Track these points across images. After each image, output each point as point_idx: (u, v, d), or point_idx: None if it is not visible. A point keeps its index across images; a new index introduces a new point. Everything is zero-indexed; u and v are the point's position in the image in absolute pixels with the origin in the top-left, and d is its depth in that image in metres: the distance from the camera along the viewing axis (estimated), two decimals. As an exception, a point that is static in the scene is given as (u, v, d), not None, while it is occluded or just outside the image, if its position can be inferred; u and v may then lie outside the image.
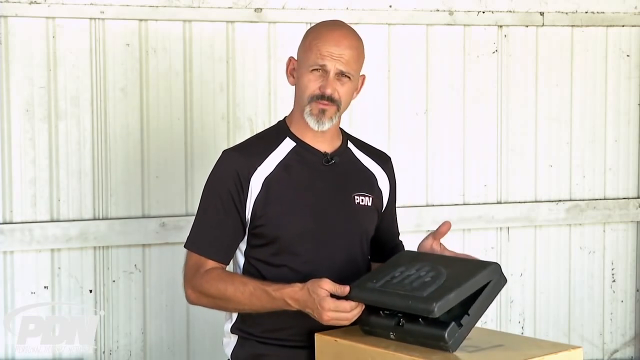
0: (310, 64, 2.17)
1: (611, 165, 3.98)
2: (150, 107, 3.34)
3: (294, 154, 2.22)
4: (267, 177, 2.17)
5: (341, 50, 2.16)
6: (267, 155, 2.20)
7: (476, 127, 3.77)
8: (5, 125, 3.20)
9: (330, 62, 2.15)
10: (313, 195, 2.20)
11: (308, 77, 2.17)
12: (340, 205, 2.23)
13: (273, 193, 2.16)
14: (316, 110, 2.17)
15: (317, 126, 2.18)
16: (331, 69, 2.15)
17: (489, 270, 1.98)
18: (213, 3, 3.38)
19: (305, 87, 2.18)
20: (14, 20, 3.18)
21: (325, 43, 2.16)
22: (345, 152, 2.29)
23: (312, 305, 2.00)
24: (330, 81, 2.15)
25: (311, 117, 2.17)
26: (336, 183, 2.24)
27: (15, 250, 3.22)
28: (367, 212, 2.28)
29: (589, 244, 3.99)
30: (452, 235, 3.74)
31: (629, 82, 3.96)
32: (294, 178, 2.19)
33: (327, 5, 3.50)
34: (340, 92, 2.17)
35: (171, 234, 3.34)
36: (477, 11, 3.72)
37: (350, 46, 2.18)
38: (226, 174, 2.19)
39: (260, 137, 2.33)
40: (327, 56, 2.15)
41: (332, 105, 2.17)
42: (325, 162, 2.23)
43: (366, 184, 2.30)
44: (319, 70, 2.16)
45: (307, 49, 2.19)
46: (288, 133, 2.25)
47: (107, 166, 3.30)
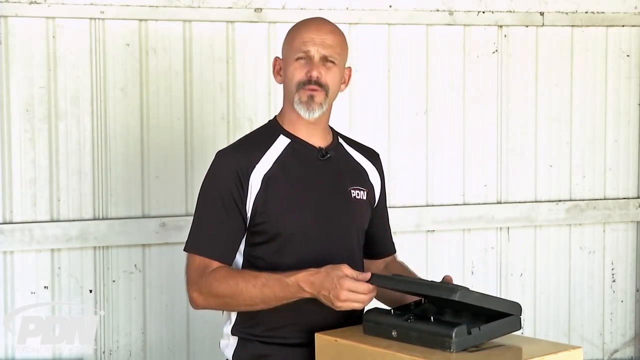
0: (294, 53, 2.19)
1: (611, 165, 3.98)
2: (150, 107, 3.34)
3: (289, 150, 2.22)
4: (266, 174, 2.17)
5: (323, 35, 2.19)
6: (263, 153, 2.20)
7: (476, 127, 3.77)
8: (5, 125, 3.20)
9: (313, 47, 2.18)
10: (312, 190, 2.20)
11: (294, 66, 2.19)
12: (339, 199, 2.24)
13: (272, 190, 2.16)
14: (305, 96, 2.17)
15: (307, 114, 2.18)
16: (315, 54, 2.18)
17: (514, 305, 2.00)
18: (213, 3, 3.38)
19: (292, 76, 2.20)
20: (14, 20, 3.18)
21: (306, 30, 2.20)
22: (337, 147, 2.31)
23: (328, 286, 1.99)
24: (316, 64, 2.17)
25: (300, 105, 2.18)
26: (333, 177, 2.25)
27: (15, 250, 3.22)
28: (362, 206, 2.29)
29: (589, 244, 3.99)
30: (452, 235, 3.79)
31: (629, 82, 3.96)
32: (292, 174, 2.20)
33: (327, 5, 3.50)
34: (327, 77, 2.18)
35: (171, 234, 3.34)
36: (477, 11, 3.72)
37: (331, 31, 2.22)
38: (226, 173, 2.18)
39: (253, 136, 2.32)
40: (309, 42, 2.18)
41: (320, 91, 2.18)
42: (320, 156, 2.24)
43: (360, 178, 2.31)
44: (303, 58, 2.18)
45: (290, 42, 2.23)
46: (281, 130, 2.25)
47: (107, 166, 3.30)
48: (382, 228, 2.42)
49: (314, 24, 2.23)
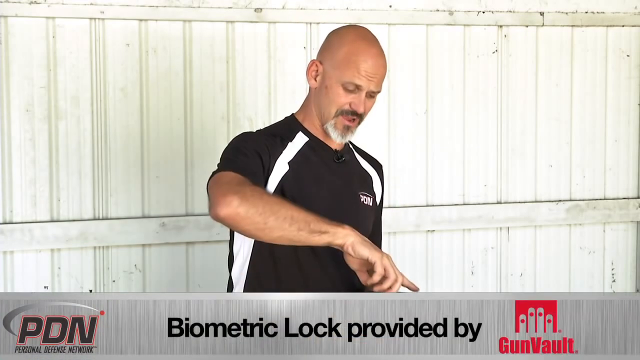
0: (345, 80, 2.14)
1: (611, 165, 3.98)
2: (150, 107, 3.34)
3: (307, 147, 2.22)
4: (291, 160, 2.16)
5: (376, 70, 2.15)
6: (286, 144, 2.19)
7: (476, 127, 3.78)
8: (5, 125, 3.20)
9: (366, 83, 2.14)
10: (327, 189, 2.20)
11: (338, 91, 2.15)
12: (349, 202, 2.24)
13: (299, 173, 2.14)
14: (341, 126, 2.17)
15: (340, 139, 2.19)
16: (365, 89, 2.14)
17: None
18: (213, 3, 3.38)
19: (334, 100, 2.16)
20: (14, 20, 3.18)
21: (364, 62, 2.13)
22: (349, 152, 2.32)
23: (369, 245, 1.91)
24: (363, 100, 2.15)
25: (335, 131, 2.18)
26: (345, 180, 2.25)
27: (15, 250, 3.22)
28: (369, 211, 2.30)
29: (589, 244, 3.99)
30: (452, 235, 3.80)
31: (629, 82, 3.96)
32: (312, 168, 2.19)
33: (327, 5, 3.51)
34: (367, 108, 2.19)
35: (171, 234, 3.35)
36: (477, 11, 3.72)
37: (383, 65, 2.18)
38: (257, 140, 2.13)
39: (275, 127, 2.29)
40: (364, 77, 2.13)
41: (356, 120, 2.18)
42: (336, 158, 2.25)
43: (367, 184, 2.33)
44: (351, 89, 2.14)
45: (343, 62, 2.14)
46: (301, 128, 2.24)
47: (107, 166, 3.30)
48: (375, 236, 2.38)
49: (372, 55, 2.15)
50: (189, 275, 3.42)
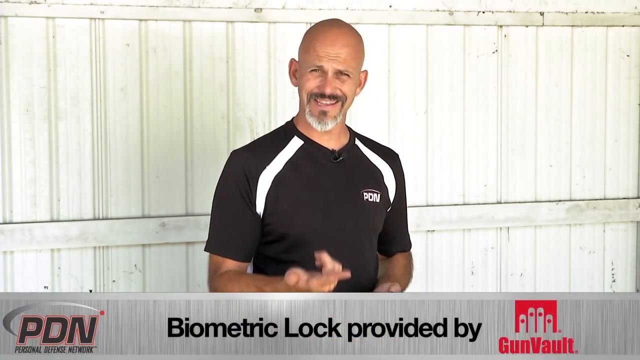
0: (309, 65, 2.20)
1: (611, 165, 3.98)
2: (150, 107, 3.34)
3: (302, 152, 2.24)
4: (277, 175, 2.20)
5: (337, 49, 2.17)
6: (275, 154, 2.23)
7: (476, 127, 3.77)
8: (5, 125, 3.20)
9: (327, 63, 2.17)
10: (321, 192, 2.22)
11: (307, 77, 2.20)
12: (349, 202, 2.25)
13: (282, 190, 2.19)
14: (316, 111, 2.19)
15: (319, 127, 2.21)
16: (329, 69, 2.18)
17: None
18: (213, 3, 3.38)
19: (303, 86, 2.21)
20: (14, 20, 3.18)
21: (321, 44, 2.18)
22: (352, 149, 2.32)
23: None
24: (329, 80, 2.17)
25: (312, 117, 2.21)
26: (344, 180, 2.26)
27: (15, 250, 3.22)
28: (375, 209, 2.30)
29: (589, 244, 3.99)
30: (452, 235, 3.79)
31: (629, 82, 3.96)
32: (302, 175, 2.21)
33: (327, 5, 3.51)
34: (343, 89, 2.19)
35: (171, 234, 3.35)
36: (477, 11, 3.72)
37: (346, 44, 2.19)
38: (235, 174, 2.22)
39: (269, 137, 2.35)
40: (323, 57, 2.17)
41: (335, 104, 2.19)
42: (332, 159, 2.26)
43: (373, 180, 2.32)
44: (317, 71, 2.19)
45: (305, 50, 2.22)
46: (296, 132, 2.27)
47: (107, 166, 3.30)
48: (396, 227, 2.45)
49: (329, 36, 2.20)
50: (189, 275, 3.42)
